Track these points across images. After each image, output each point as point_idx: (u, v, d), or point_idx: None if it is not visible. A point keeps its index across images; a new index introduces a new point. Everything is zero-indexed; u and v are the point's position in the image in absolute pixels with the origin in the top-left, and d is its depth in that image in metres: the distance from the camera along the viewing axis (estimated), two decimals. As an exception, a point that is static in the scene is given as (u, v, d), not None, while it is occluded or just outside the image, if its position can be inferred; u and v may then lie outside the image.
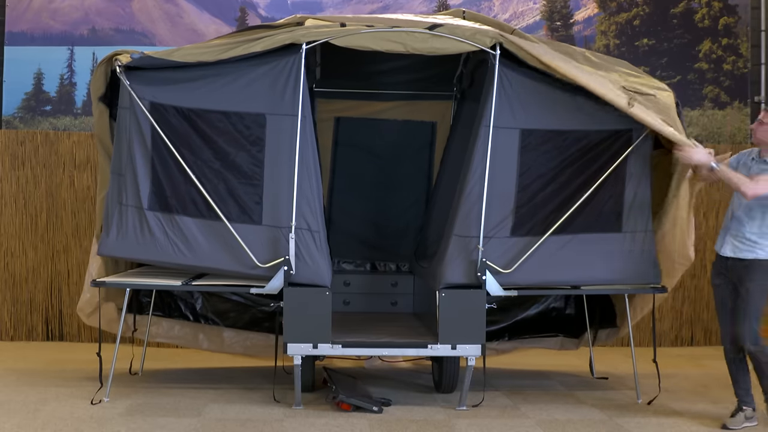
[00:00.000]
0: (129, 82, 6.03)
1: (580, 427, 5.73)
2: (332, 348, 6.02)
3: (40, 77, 9.68)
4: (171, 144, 6.01)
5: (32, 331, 8.84)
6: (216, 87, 6.08)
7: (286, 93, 6.02)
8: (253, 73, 6.07)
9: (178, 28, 9.86)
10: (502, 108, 6.01)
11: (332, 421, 5.77)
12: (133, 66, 6.04)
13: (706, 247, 9.20)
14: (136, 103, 6.05)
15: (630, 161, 6.14)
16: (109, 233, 6.16)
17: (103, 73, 6.27)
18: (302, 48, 5.97)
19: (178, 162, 6.03)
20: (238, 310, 7.41)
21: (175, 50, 6.18)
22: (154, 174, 6.10)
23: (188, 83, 6.09)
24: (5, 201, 8.82)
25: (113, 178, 6.21)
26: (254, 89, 6.06)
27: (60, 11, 9.75)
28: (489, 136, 5.98)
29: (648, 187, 6.22)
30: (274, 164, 6.03)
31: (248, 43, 6.02)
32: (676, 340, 9.21)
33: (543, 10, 10.11)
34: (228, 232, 5.99)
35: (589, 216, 6.15)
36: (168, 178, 6.10)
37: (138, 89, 6.05)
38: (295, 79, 6.01)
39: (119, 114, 6.21)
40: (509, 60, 6.05)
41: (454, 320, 5.99)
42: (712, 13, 10.03)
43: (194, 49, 6.15)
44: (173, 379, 7.02)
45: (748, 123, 10.02)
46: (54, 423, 5.57)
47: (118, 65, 6.01)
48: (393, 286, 7.69)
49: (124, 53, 6.10)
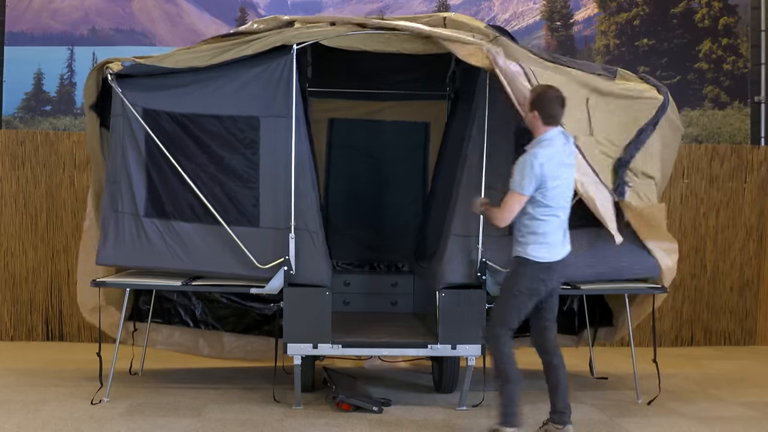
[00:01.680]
0: (121, 89, 6.02)
1: (580, 427, 5.73)
2: (332, 348, 6.02)
3: (40, 77, 9.68)
4: (165, 150, 6.01)
5: (32, 331, 8.84)
6: (208, 91, 6.07)
7: (279, 94, 6.02)
8: (245, 75, 6.06)
9: (178, 28, 9.86)
10: (495, 110, 6.03)
11: (332, 421, 5.77)
12: (124, 73, 6.04)
13: (706, 247, 9.21)
14: (128, 110, 6.04)
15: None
16: (106, 242, 6.15)
17: (95, 81, 6.26)
18: (293, 49, 5.98)
19: (174, 167, 6.02)
20: (238, 314, 7.41)
21: (165, 56, 6.15)
22: (150, 181, 6.10)
23: (180, 88, 6.08)
24: (5, 201, 8.82)
25: (108, 186, 6.21)
26: (247, 92, 6.06)
27: (60, 11, 9.76)
28: (484, 138, 6.01)
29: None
30: (270, 166, 6.03)
31: (239, 46, 6.01)
32: (676, 340, 9.21)
33: (543, 10, 10.11)
34: (226, 235, 5.98)
35: (586, 211, 6.16)
36: (163, 184, 6.09)
37: (130, 96, 6.05)
38: (287, 80, 6.01)
39: (112, 121, 6.21)
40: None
41: (454, 320, 6.00)
42: (712, 13, 10.03)
43: (185, 54, 6.11)
44: (173, 379, 7.02)
45: (748, 123, 10.03)
46: (54, 423, 5.57)
47: (109, 73, 6.01)
48: (393, 286, 7.68)
49: (115, 61, 6.08)
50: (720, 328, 9.29)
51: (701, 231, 9.20)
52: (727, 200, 9.24)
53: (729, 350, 9.03)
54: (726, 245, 9.24)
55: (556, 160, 5.13)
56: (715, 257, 9.23)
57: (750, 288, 9.28)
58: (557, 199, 5.16)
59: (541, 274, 5.20)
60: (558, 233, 5.22)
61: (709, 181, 9.23)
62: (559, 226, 5.23)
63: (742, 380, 7.41)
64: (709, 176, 9.24)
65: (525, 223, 5.21)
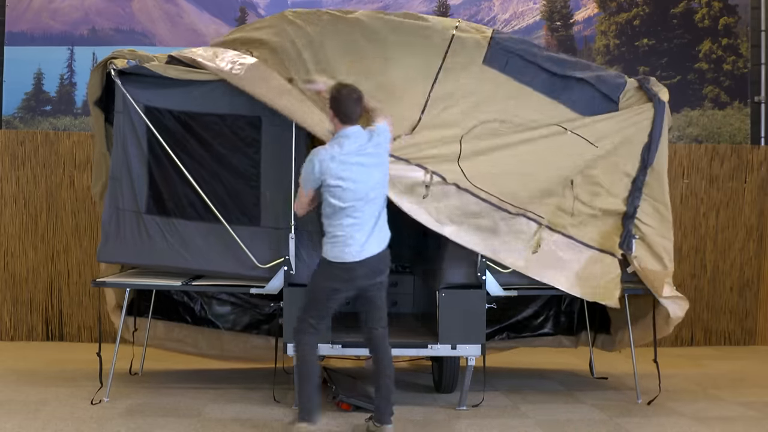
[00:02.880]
0: (124, 86, 6.03)
1: (580, 427, 5.73)
2: (332, 348, 6.02)
3: (40, 77, 9.68)
4: (167, 147, 6.01)
5: (32, 331, 8.84)
6: (210, 89, 6.07)
7: None
8: None
9: (178, 28, 9.85)
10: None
11: (332, 421, 5.77)
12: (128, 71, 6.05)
13: (706, 247, 9.21)
14: (131, 107, 6.05)
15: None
16: (107, 238, 6.16)
17: (99, 76, 6.27)
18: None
19: (176, 165, 6.03)
20: (237, 312, 7.40)
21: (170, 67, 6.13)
22: (151, 178, 6.10)
23: (183, 87, 6.08)
24: (5, 201, 8.82)
25: (109, 182, 6.22)
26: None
27: (60, 11, 9.75)
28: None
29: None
30: (271, 165, 6.03)
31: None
32: (676, 340, 9.20)
33: (543, 10, 10.11)
34: (226, 234, 5.98)
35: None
36: (165, 181, 6.09)
37: (133, 93, 6.05)
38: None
39: (115, 118, 6.21)
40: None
41: (454, 320, 6.00)
42: (712, 13, 10.03)
43: (187, 74, 6.08)
44: (173, 379, 7.02)
45: (748, 123, 10.03)
46: (54, 423, 5.57)
47: (113, 68, 6.01)
48: (393, 286, 7.67)
49: (120, 56, 6.09)
50: (720, 328, 9.29)
51: (701, 231, 9.20)
52: (727, 200, 9.24)
53: (729, 350, 9.04)
54: (726, 245, 9.24)
55: (340, 159, 5.06)
56: (715, 257, 9.23)
57: (750, 288, 9.28)
58: (346, 198, 5.07)
59: (339, 274, 5.16)
60: (357, 234, 5.11)
61: (709, 181, 9.24)
62: (356, 227, 5.11)
63: (742, 380, 7.41)
64: (709, 176, 9.24)
65: (322, 221, 5.25)
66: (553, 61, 6.25)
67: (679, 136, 9.87)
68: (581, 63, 6.46)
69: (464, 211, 5.86)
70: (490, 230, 5.92)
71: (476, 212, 5.88)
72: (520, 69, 6.16)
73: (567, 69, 6.25)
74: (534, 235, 5.98)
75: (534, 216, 5.98)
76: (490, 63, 6.12)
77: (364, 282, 5.23)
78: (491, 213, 5.88)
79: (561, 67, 6.25)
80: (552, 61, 6.24)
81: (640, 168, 6.26)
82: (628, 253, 6.19)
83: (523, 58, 6.18)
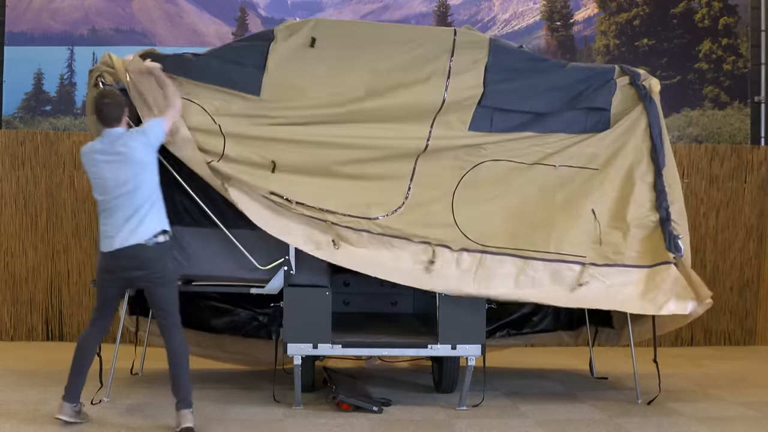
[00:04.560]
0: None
1: (580, 427, 5.73)
2: (332, 348, 6.02)
3: (40, 77, 9.68)
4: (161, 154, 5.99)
5: (32, 331, 8.84)
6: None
7: None
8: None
9: (178, 28, 9.86)
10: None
11: (332, 421, 5.77)
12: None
13: (706, 247, 9.21)
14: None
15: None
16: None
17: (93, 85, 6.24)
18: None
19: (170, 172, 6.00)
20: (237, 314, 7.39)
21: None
22: None
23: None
24: (5, 201, 8.82)
25: None
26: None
27: (60, 11, 9.75)
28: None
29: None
30: None
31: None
32: (676, 340, 9.21)
33: (543, 10, 10.11)
34: (224, 238, 5.97)
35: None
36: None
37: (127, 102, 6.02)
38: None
39: None
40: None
41: (454, 320, 6.00)
42: (712, 13, 10.03)
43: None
44: (173, 379, 7.00)
45: (748, 123, 10.03)
46: (54, 423, 5.57)
47: (101, 81, 5.98)
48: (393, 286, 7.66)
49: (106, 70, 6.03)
50: (720, 328, 9.29)
51: (701, 231, 9.20)
52: (727, 200, 9.25)
53: (729, 350, 9.04)
54: (726, 245, 9.24)
55: (91, 156, 5.44)
56: (715, 257, 9.23)
57: (750, 288, 9.28)
58: (99, 191, 5.43)
59: (103, 264, 5.45)
60: (114, 224, 5.37)
61: (709, 181, 9.24)
62: (110, 219, 5.39)
63: (741, 380, 7.41)
64: (709, 176, 9.24)
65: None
66: (537, 92, 6.22)
67: (679, 136, 9.87)
68: (564, 73, 6.37)
69: (506, 273, 5.98)
70: (540, 282, 5.99)
71: (519, 270, 5.99)
72: (507, 119, 6.16)
73: (551, 98, 6.23)
74: (580, 275, 6.00)
75: (572, 258, 6.01)
76: (476, 128, 6.14)
77: (124, 274, 5.41)
78: (536, 267, 5.99)
79: (546, 101, 6.22)
80: (536, 95, 6.21)
81: (655, 172, 6.26)
82: (678, 255, 6.13)
83: (508, 110, 6.16)
